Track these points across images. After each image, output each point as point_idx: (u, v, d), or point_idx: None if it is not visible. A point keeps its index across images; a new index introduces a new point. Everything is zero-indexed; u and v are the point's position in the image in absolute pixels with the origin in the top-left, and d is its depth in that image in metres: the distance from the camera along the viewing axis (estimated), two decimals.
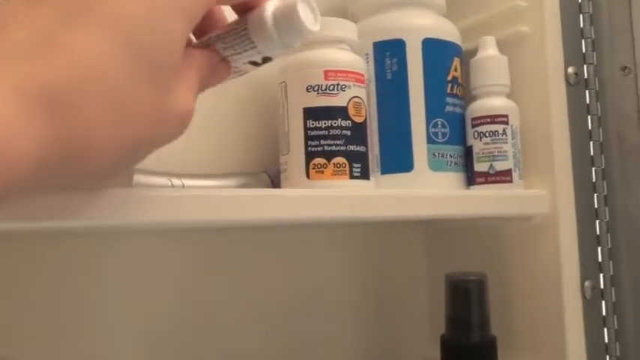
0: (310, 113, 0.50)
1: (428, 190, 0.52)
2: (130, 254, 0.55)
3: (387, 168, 0.56)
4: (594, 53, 0.62)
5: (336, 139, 0.50)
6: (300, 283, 0.65)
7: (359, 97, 0.51)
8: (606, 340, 0.60)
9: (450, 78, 0.58)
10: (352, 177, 0.50)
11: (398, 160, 0.56)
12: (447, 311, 0.56)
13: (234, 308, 0.60)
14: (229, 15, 0.37)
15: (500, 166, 0.57)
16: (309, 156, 0.50)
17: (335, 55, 0.51)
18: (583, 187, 0.61)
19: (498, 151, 0.57)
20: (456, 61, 0.59)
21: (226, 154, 0.60)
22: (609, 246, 0.61)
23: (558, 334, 0.58)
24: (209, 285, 0.59)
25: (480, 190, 0.57)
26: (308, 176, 0.49)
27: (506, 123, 0.57)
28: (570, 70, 0.61)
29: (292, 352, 0.63)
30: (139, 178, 0.47)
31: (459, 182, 0.58)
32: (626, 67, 0.62)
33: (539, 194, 0.58)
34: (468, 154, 0.59)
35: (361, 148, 0.50)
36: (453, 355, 0.55)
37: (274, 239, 0.63)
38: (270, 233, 0.63)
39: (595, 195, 0.61)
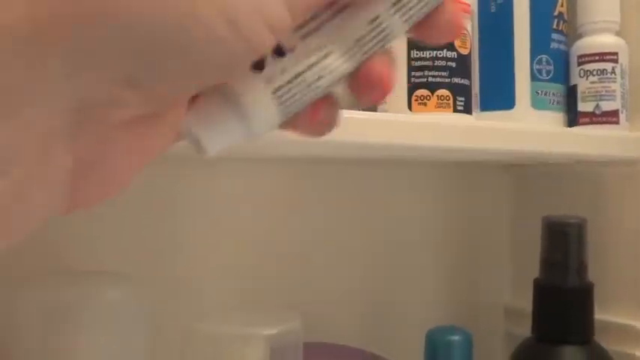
0: (414, 43, 0.48)
1: (533, 125, 0.51)
2: (221, 182, 0.55)
3: (488, 105, 0.54)
4: None
5: (440, 71, 0.48)
6: (382, 223, 0.64)
7: (465, 28, 0.49)
8: None
9: (556, 13, 0.55)
10: (455, 110, 0.48)
11: (499, 96, 0.54)
12: (544, 254, 0.54)
13: (316, 242, 0.60)
14: None
15: (606, 106, 0.54)
16: (412, 87, 0.48)
17: None
18: None
19: (606, 91, 0.54)
20: None
21: None
22: None
23: None
24: (292, 216, 0.59)
25: (585, 129, 0.55)
26: (410, 108, 0.48)
27: (616, 61, 0.54)
28: None
29: (371, 291, 0.63)
30: None
31: (561, 122, 0.56)
32: None
33: None
34: (570, 94, 0.56)
35: (465, 82, 0.49)
36: (549, 298, 0.54)
37: (360, 175, 0.62)
38: (357, 169, 0.62)
39: None
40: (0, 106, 0.16)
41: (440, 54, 0.48)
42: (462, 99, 0.49)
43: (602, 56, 0.54)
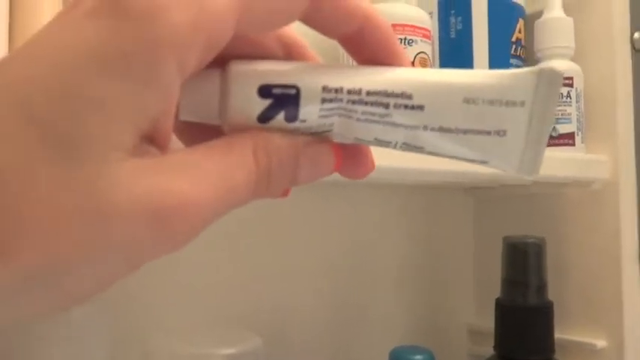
0: None
1: None
2: None
3: None
4: None
5: None
6: (346, 244, 0.64)
7: (425, 52, 0.51)
8: None
9: (514, 39, 0.57)
10: None
11: None
12: (504, 273, 0.55)
13: (280, 262, 0.60)
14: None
15: (563, 128, 0.56)
16: None
17: (403, 9, 0.51)
18: None
19: (562, 114, 0.56)
20: (520, 22, 0.58)
21: None
22: None
23: (615, 303, 0.57)
24: (261, 239, 0.59)
25: None
26: None
27: (571, 86, 0.56)
28: (637, 35, 0.59)
29: (335, 310, 0.63)
30: None
31: None
32: None
33: (601, 159, 0.58)
34: None
35: None
36: (510, 317, 0.54)
37: (322, 197, 0.63)
38: (319, 190, 0.62)
39: None
40: None
41: None
42: None
43: None
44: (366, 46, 0.22)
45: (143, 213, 0.17)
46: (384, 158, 0.43)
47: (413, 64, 0.50)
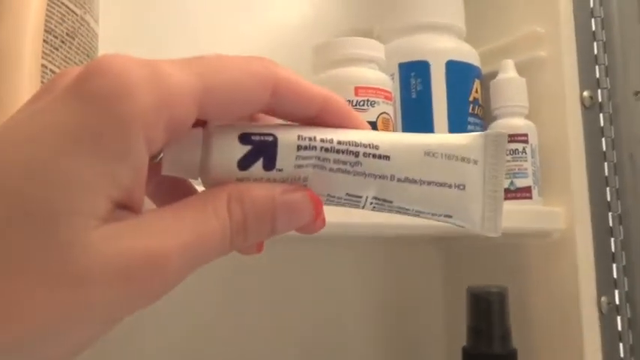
0: None
1: None
2: None
3: None
4: (608, 79, 0.65)
5: None
6: (319, 297, 0.66)
7: (387, 113, 0.54)
8: (622, 355, 0.62)
9: (471, 99, 0.60)
10: None
11: None
12: (470, 323, 0.57)
13: (254, 319, 0.61)
14: None
15: (520, 182, 0.59)
16: None
17: (365, 73, 0.54)
18: (598, 206, 0.63)
19: (519, 169, 0.59)
20: (477, 83, 0.61)
21: None
22: (624, 263, 0.63)
23: (576, 348, 0.59)
24: (235, 296, 0.60)
25: None
26: None
27: (526, 142, 0.60)
28: (586, 93, 0.63)
29: None
30: None
31: None
32: (638, 92, 0.64)
33: (557, 211, 0.61)
34: None
35: None
36: None
37: (295, 251, 0.65)
38: (291, 245, 0.64)
39: (610, 214, 0.64)
40: None
41: None
42: None
43: (513, 137, 0.59)
44: (327, 123, 0.24)
45: (115, 273, 0.19)
46: (353, 215, 0.45)
47: (376, 123, 0.52)
